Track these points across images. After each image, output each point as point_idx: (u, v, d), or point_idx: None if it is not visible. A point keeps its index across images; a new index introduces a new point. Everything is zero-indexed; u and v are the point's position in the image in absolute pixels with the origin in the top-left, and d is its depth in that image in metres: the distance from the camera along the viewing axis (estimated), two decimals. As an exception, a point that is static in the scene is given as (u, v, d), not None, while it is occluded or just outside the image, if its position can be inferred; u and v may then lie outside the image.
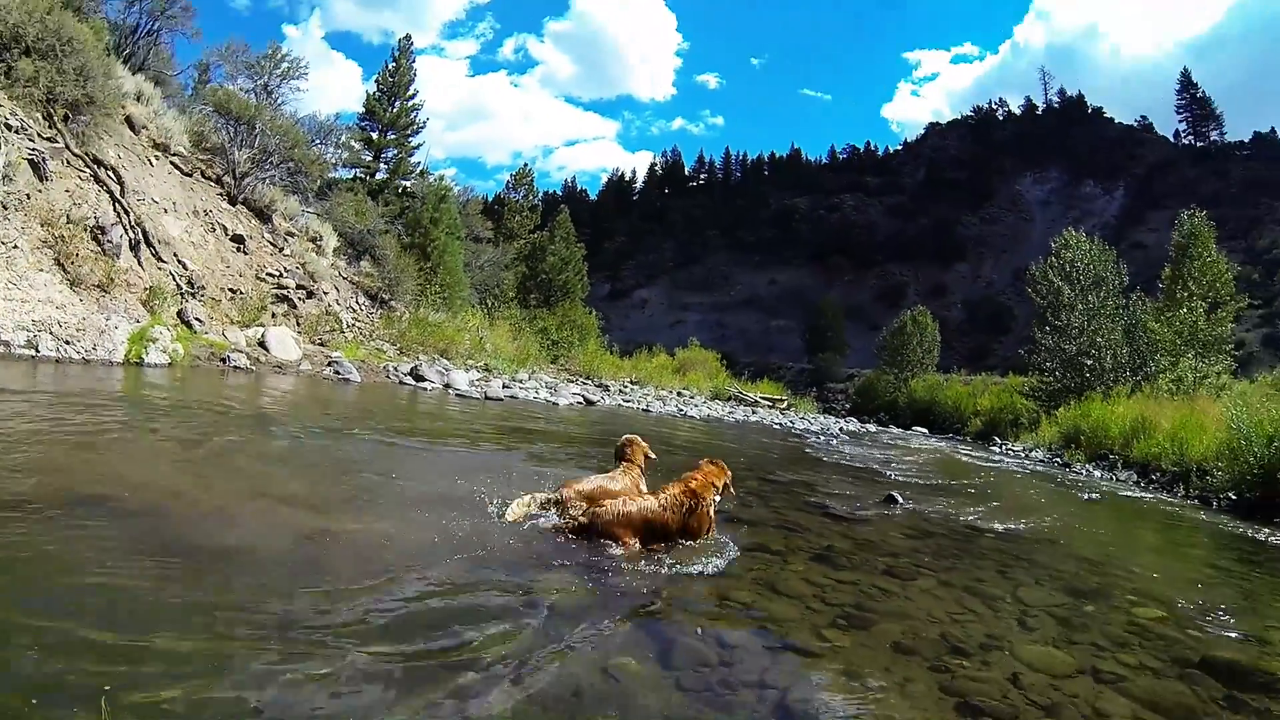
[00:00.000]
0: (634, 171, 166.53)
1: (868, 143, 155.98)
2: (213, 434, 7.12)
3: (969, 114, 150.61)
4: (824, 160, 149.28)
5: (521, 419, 13.56)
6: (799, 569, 4.70)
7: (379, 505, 5.17)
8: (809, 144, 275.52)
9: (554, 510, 4.97)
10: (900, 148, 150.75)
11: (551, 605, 3.51)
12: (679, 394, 30.47)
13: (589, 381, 27.28)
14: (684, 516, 4.80)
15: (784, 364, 79.38)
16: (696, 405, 26.01)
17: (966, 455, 18.96)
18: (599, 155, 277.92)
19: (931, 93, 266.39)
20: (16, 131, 13.99)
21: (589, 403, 19.74)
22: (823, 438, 19.95)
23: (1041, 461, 18.92)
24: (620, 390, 26.23)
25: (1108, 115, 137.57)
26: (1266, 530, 8.58)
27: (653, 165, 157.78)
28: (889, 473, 11.67)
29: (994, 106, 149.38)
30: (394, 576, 3.61)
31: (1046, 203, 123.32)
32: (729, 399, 33.20)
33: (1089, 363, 26.37)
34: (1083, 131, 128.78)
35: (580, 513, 4.72)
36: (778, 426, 22.74)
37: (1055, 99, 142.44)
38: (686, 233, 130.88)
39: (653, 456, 5.75)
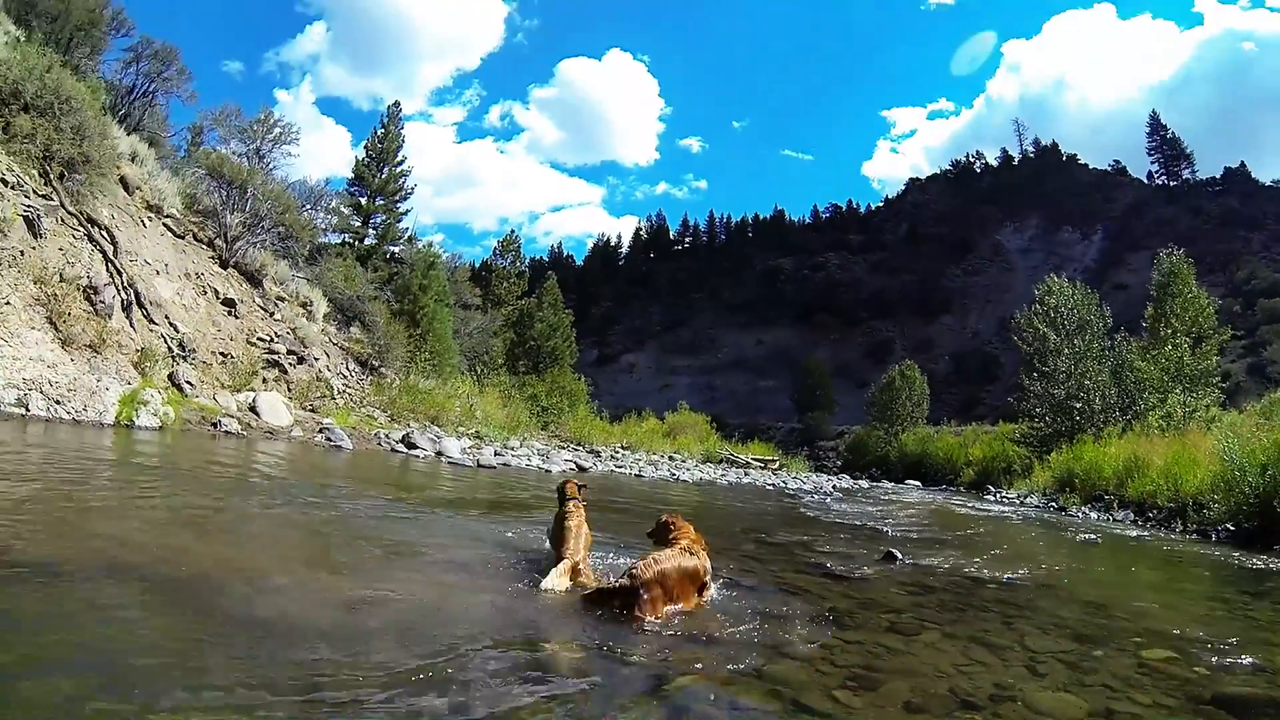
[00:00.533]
0: (619, 236, 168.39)
1: (850, 201, 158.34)
2: (223, 499, 7.20)
3: (948, 168, 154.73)
4: (807, 220, 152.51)
5: (517, 487, 13.41)
6: (804, 632, 4.61)
7: (411, 571, 5.22)
8: (792, 204, 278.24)
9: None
10: (882, 204, 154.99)
11: (571, 671, 3.57)
12: (671, 458, 30.29)
13: (580, 448, 27.17)
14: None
15: (774, 424, 79.60)
16: (689, 469, 25.87)
17: (961, 506, 18.92)
18: (585, 220, 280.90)
19: (910, 149, 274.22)
20: (12, 187, 14.05)
21: (581, 469, 19.53)
22: (816, 496, 19.88)
23: (1036, 507, 19.01)
24: (612, 456, 26.10)
25: (1081, 161, 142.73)
26: (1266, 558, 8.71)
27: (638, 230, 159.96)
28: (886, 528, 11.57)
29: (971, 159, 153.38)
30: (455, 646, 3.58)
31: (1027, 250, 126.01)
32: (721, 461, 33.11)
33: (1078, 406, 26.73)
34: (1058, 179, 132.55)
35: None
36: (771, 487, 22.56)
37: (1030, 149, 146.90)
38: (672, 296, 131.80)
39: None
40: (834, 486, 26.30)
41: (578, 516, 5.51)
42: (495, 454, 18.32)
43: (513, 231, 45.10)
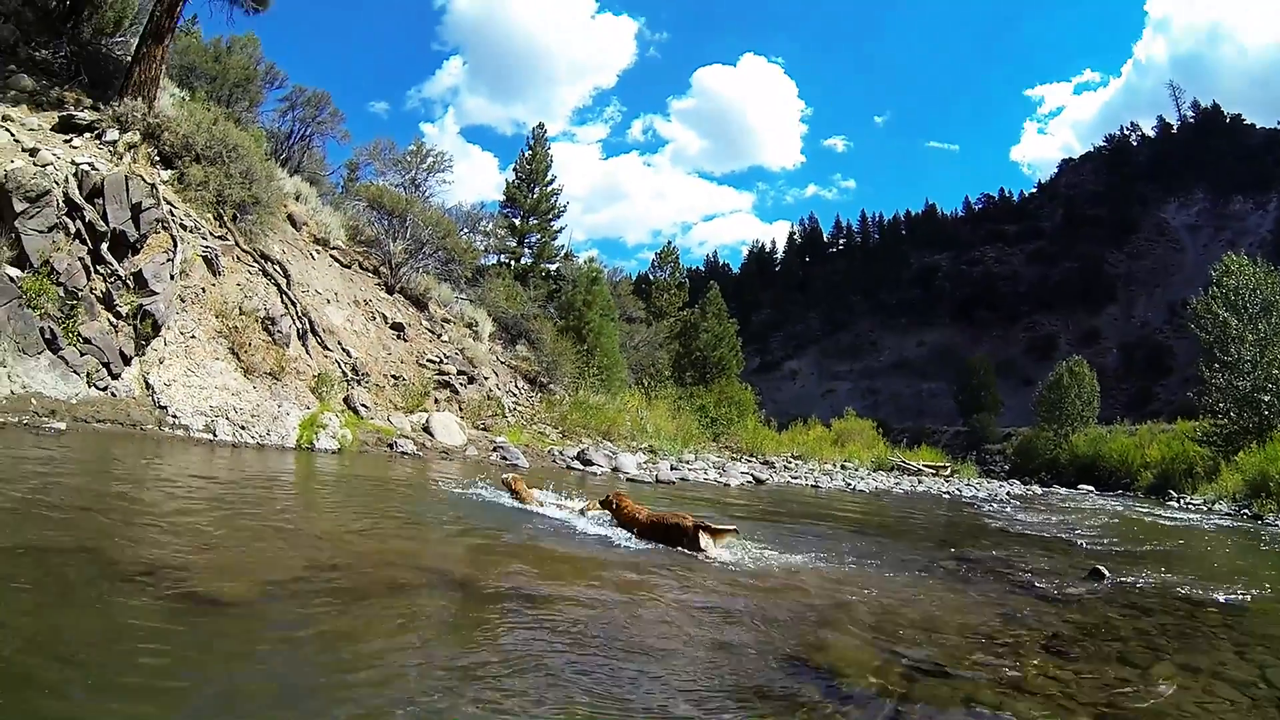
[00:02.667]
0: (773, 242, 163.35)
1: (1001, 189, 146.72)
2: (466, 522, 7.85)
3: (1101, 144, 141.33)
4: (959, 213, 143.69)
5: (717, 501, 13.32)
6: (1034, 661, 4.35)
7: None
8: (942, 197, 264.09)
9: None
10: (1035, 190, 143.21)
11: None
12: (842, 466, 29.46)
13: (753, 459, 26.65)
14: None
15: (938, 428, 75.89)
16: (861, 478, 25.05)
17: (1145, 514, 17.62)
18: (737, 228, 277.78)
19: (1059, 128, 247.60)
20: (191, 231, 14.82)
21: (758, 481, 19.15)
22: (994, 505, 18.99)
23: (1228, 514, 17.62)
24: (785, 466, 25.52)
25: (1248, 121, 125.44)
26: None
27: (791, 234, 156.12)
28: (1078, 541, 11.04)
29: (1126, 132, 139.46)
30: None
31: (1195, 227, 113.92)
32: (892, 469, 31.93)
33: (1266, 399, 24.15)
34: (1224, 144, 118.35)
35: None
36: (946, 495, 21.65)
37: (1189, 113, 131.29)
38: (830, 300, 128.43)
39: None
40: (1007, 493, 25.08)
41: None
42: (671, 468, 18.04)
43: (669, 243, 44.90)
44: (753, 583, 6.14)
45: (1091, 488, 31.82)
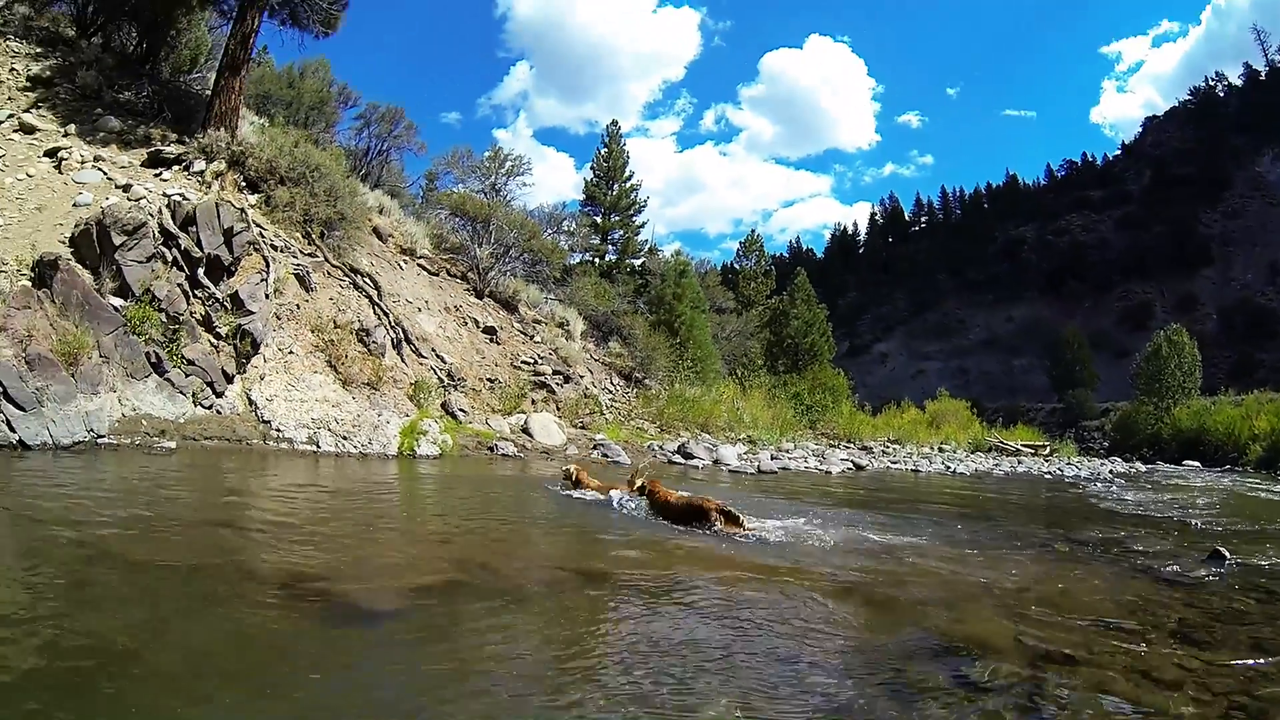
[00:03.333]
0: (855, 224, 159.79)
1: (1084, 154, 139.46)
2: (580, 517, 8.07)
3: (1186, 99, 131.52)
4: (1042, 181, 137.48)
5: (821, 490, 13.14)
6: (1163, 650, 4.18)
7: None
8: (1023, 167, 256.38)
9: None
10: (1119, 152, 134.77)
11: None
12: (939, 449, 28.81)
13: (850, 445, 26.21)
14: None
15: (1032, 405, 72.23)
16: (960, 460, 24.42)
17: (1257, 489, 16.96)
18: (818, 212, 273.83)
19: (1139, 85, 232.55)
20: (281, 250, 15.20)
21: (858, 467, 18.81)
22: (1097, 484, 18.32)
23: None
24: (883, 451, 25.00)
25: None
26: None
27: (872, 215, 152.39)
28: (1191, 520, 10.49)
29: (1211, 84, 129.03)
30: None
31: None
32: (989, 450, 31.04)
33: None
34: None
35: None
36: (1048, 476, 20.99)
37: (1277, 58, 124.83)
38: (915, 280, 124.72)
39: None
40: (1110, 471, 24.19)
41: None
42: (771, 457, 17.78)
43: (753, 231, 44.56)
44: (873, 566, 6.13)
45: (1197, 464, 30.50)
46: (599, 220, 37.58)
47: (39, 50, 18.01)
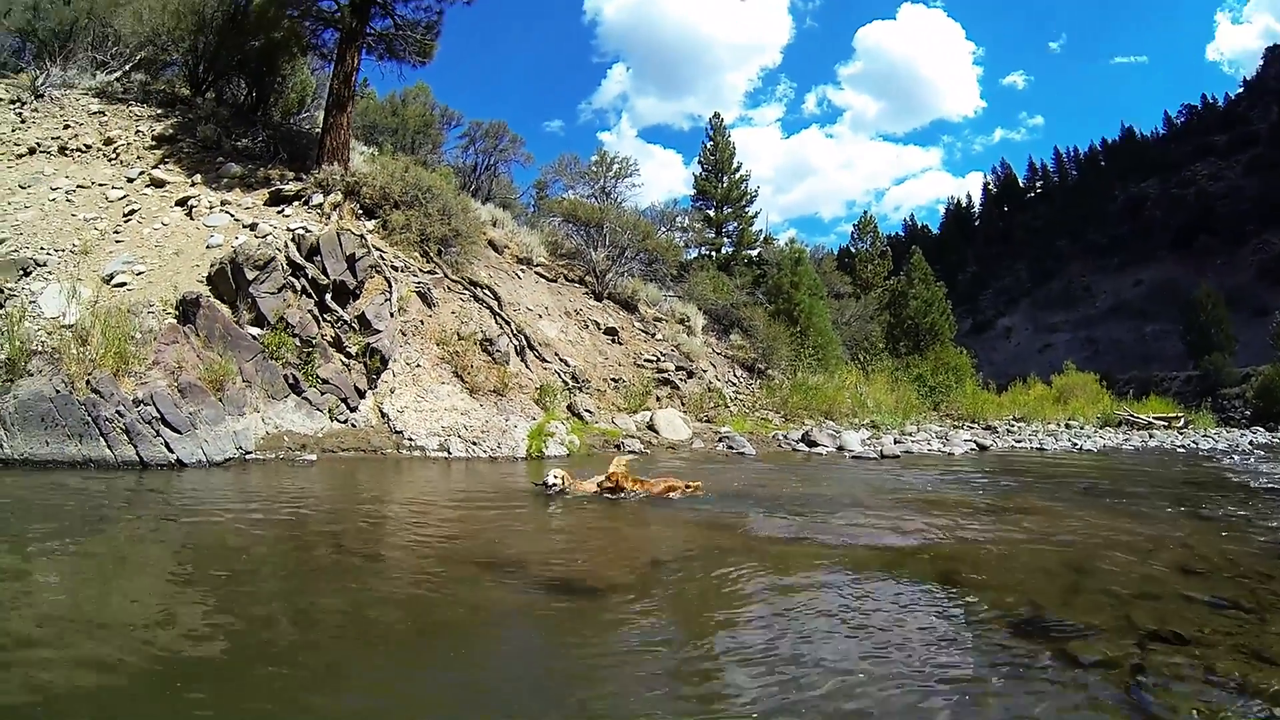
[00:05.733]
0: (968, 196, 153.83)
1: (1203, 96, 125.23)
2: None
3: None
4: (1160, 131, 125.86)
5: (940, 470, 13.08)
6: (1276, 630, 4.04)
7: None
8: (1139, 118, 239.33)
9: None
10: (1241, 90, 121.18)
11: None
12: (1066, 425, 27.61)
13: (974, 425, 25.49)
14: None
15: (1166, 374, 67.00)
16: (1088, 436, 23.40)
17: None
18: (930, 186, 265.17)
19: (1255, 13, 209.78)
20: (402, 270, 15.90)
21: (981, 448, 18.34)
22: (1235, 457, 17.53)
23: None
24: (1008, 430, 24.19)
25: None
26: None
27: (986, 185, 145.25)
28: None
29: None
30: None
31: None
32: (1119, 424, 29.64)
33: None
34: None
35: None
36: (1181, 450, 19.95)
37: None
38: (1035, 248, 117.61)
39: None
40: (1251, 443, 22.97)
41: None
42: (895, 441, 17.50)
43: (866, 213, 43.90)
44: (988, 544, 6.22)
45: (1353, 431, 28.12)
46: (711, 214, 37.45)
47: (159, 111, 19.42)
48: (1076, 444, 20.57)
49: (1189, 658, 3.58)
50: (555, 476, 8.36)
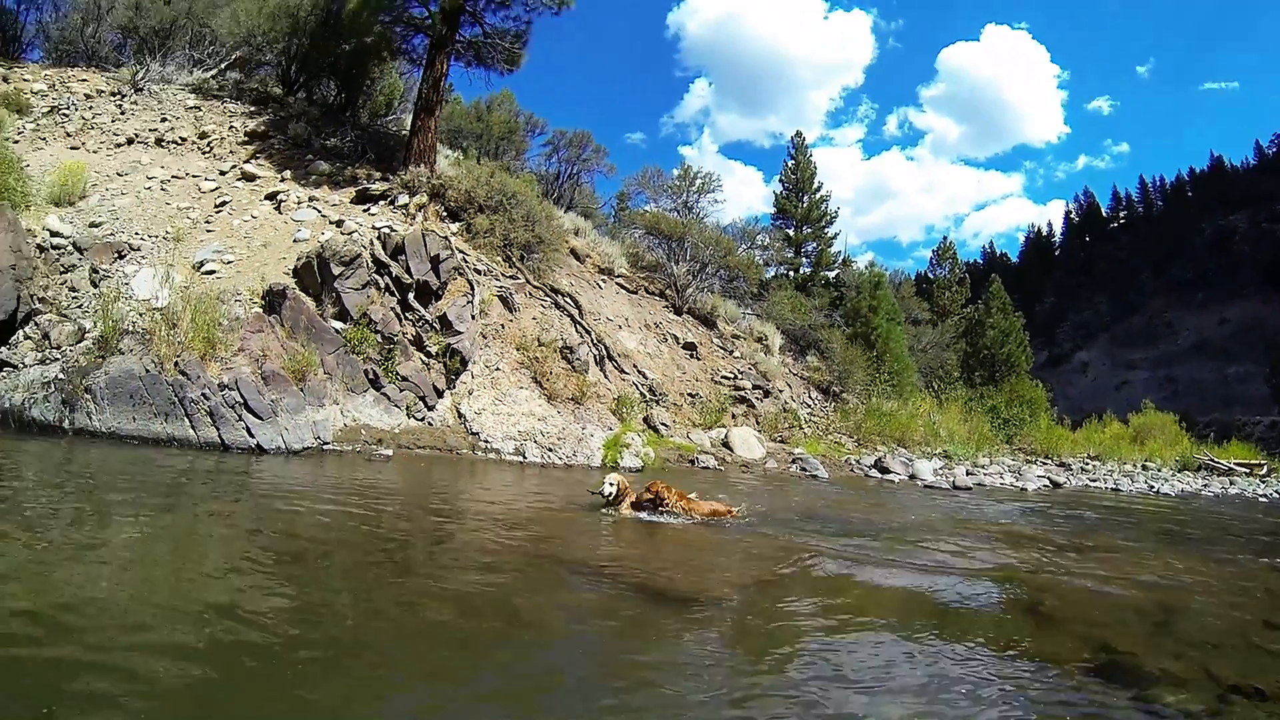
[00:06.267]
0: (1049, 224, 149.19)
1: None
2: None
3: None
4: (1251, 162, 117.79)
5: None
6: None
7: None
8: (1229, 147, 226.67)
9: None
10: None
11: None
12: (1143, 467, 26.55)
13: (1048, 461, 24.75)
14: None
15: (1249, 419, 63.68)
16: (1164, 479, 22.29)
17: None
18: (1010, 213, 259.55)
19: None
20: (484, 274, 15.91)
21: (1055, 485, 17.85)
22: None
23: None
24: (1082, 468, 23.41)
25: None
26: None
27: (1067, 213, 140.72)
28: None
29: None
30: None
31: None
32: (1198, 469, 28.42)
33: None
34: None
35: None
36: (1264, 499, 18.74)
37: None
38: (1117, 281, 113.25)
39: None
40: None
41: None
42: (967, 473, 17.09)
43: (945, 238, 43.06)
44: (1068, 581, 6.21)
45: None
46: (791, 233, 37.04)
47: (252, 108, 20.02)
48: (1153, 487, 19.80)
49: (1270, 714, 3.51)
50: (612, 484, 8.06)
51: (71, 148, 16.96)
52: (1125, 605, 5.54)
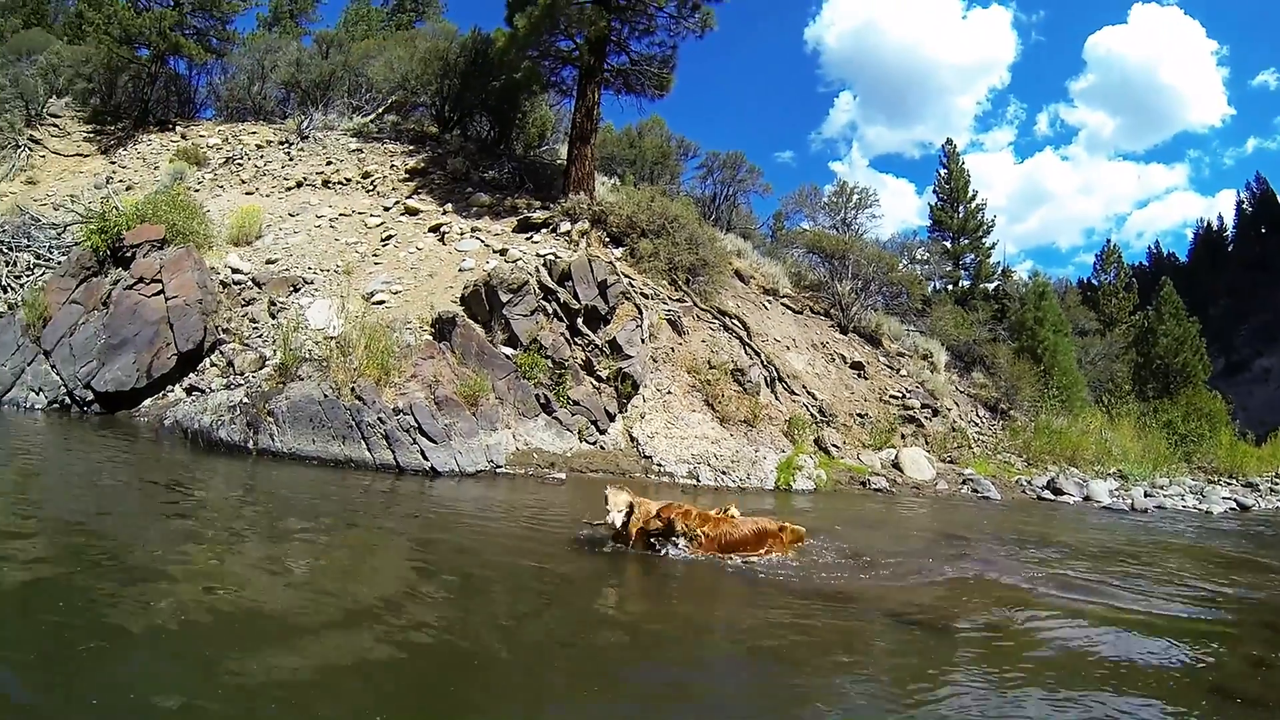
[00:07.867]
0: (1220, 217, 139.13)
1: None
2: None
3: None
4: None
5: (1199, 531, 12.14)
6: None
7: None
8: None
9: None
10: None
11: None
12: None
13: (1232, 480, 22.90)
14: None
15: None
16: None
17: None
18: (1176, 208, 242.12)
19: None
20: (651, 298, 15.91)
21: (1242, 508, 16.66)
22: None
23: None
24: (1271, 488, 21.53)
25: None
26: None
27: (1239, 203, 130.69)
28: None
29: None
30: None
31: None
32: None
33: None
34: None
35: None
36: None
37: None
38: None
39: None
40: None
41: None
42: (1145, 495, 15.98)
43: (1109, 241, 41.05)
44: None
45: None
46: (949, 245, 35.71)
47: (410, 147, 20.96)
48: (1358, 509, 18.00)
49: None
50: (621, 509, 6.76)
51: (246, 193, 18.14)
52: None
